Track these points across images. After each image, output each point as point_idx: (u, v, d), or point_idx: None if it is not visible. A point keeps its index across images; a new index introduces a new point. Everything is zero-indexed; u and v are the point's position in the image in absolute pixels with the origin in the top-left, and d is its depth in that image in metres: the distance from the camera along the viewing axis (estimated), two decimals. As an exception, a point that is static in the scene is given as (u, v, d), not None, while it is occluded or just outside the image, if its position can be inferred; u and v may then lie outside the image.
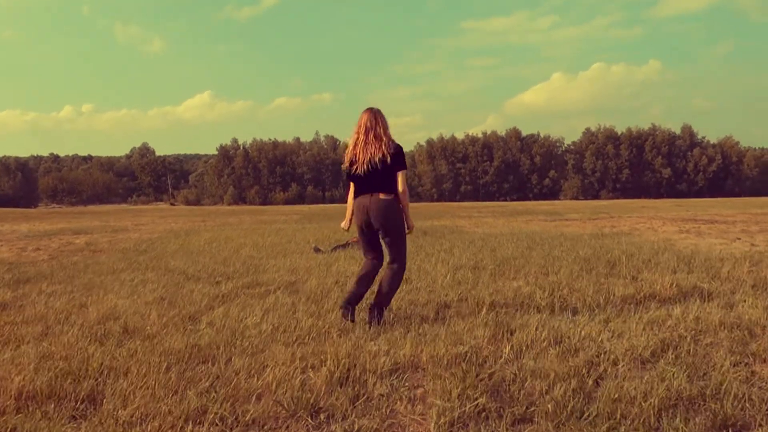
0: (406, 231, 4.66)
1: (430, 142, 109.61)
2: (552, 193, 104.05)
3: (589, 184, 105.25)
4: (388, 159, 4.44)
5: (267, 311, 5.12)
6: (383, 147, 4.44)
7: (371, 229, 4.62)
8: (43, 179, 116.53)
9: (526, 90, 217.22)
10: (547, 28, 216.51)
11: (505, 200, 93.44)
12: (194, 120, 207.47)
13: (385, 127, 4.52)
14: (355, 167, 4.51)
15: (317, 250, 10.35)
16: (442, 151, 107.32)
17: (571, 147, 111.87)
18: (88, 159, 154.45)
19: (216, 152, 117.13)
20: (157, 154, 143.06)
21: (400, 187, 4.52)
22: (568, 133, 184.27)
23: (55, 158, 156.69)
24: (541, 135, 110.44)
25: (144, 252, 10.82)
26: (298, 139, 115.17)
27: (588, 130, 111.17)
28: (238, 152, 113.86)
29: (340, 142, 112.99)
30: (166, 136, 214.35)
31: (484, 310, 4.94)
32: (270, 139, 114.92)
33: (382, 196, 4.48)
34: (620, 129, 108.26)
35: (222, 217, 30.16)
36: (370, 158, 4.43)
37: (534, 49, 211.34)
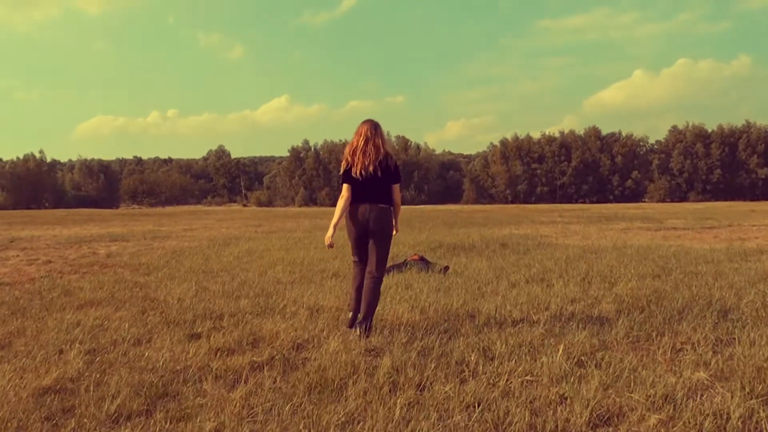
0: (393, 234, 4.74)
1: (504, 142, 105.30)
2: (635, 195, 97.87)
3: (676, 186, 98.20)
4: (391, 168, 4.58)
5: None
6: (381, 157, 4.53)
7: (365, 234, 4.66)
8: (125, 181, 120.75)
9: (605, 88, 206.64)
10: (629, 25, 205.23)
11: (584, 202, 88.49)
12: (271, 123, 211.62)
13: (383, 140, 4.62)
14: (353, 170, 4.55)
15: (364, 272, 7.97)
16: (517, 150, 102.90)
17: (656, 146, 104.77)
18: (168, 161, 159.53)
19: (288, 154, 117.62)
20: (234, 156, 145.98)
21: (396, 198, 4.67)
22: (651, 132, 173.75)
23: (138, 161, 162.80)
24: (623, 134, 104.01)
25: (154, 270, 8.79)
26: None
27: (675, 128, 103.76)
28: (309, 153, 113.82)
29: (411, 142, 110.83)
30: (243, 139, 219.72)
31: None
32: (341, 140, 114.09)
33: (381, 205, 4.58)
34: (710, 127, 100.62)
35: (282, 220, 28.42)
36: (368, 164, 4.50)
37: (614, 47, 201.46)
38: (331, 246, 4.63)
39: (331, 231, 4.60)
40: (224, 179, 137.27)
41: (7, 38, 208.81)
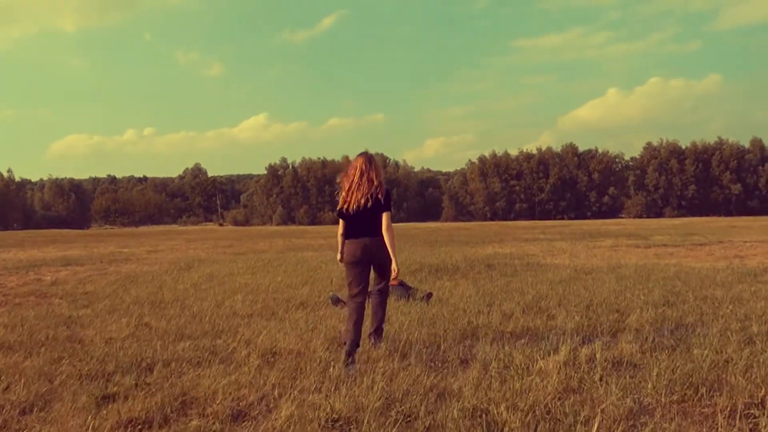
0: (392, 276, 4.82)
1: (482, 159, 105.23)
2: (612, 211, 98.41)
3: (652, 202, 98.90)
4: (381, 199, 4.63)
5: None
6: (374, 189, 4.63)
7: (368, 267, 4.73)
8: (97, 200, 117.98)
9: (581, 106, 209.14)
10: (603, 44, 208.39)
11: (563, 218, 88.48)
12: (249, 141, 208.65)
13: (378, 172, 4.77)
14: (347, 206, 4.68)
15: (336, 300, 6.96)
16: (495, 168, 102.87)
17: (631, 163, 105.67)
18: (143, 180, 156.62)
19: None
20: (213, 174, 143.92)
21: (384, 225, 4.64)
22: (625, 149, 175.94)
23: (112, 179, 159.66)
24: (599, 150, 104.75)
25: (96, 301, 7.66)
26: (347, 157, 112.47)
27: (649, 144, 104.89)
28: (287, 171, 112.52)
29: (390, 160, 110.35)
30: (221, 157, 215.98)
31: None
32: (319, 158, 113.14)
33: (379, 238, 4.64)
34: (683, 143, 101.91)
35: (255, 240, 27.23)
36: (360, 198, 4.60)
37: (588, 65, 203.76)
38: (342, 260, 4.84)
39: (339, 249, 4.87)
40: (200, 198, 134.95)
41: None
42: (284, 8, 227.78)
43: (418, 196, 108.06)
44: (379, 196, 4.61)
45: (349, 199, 4.67)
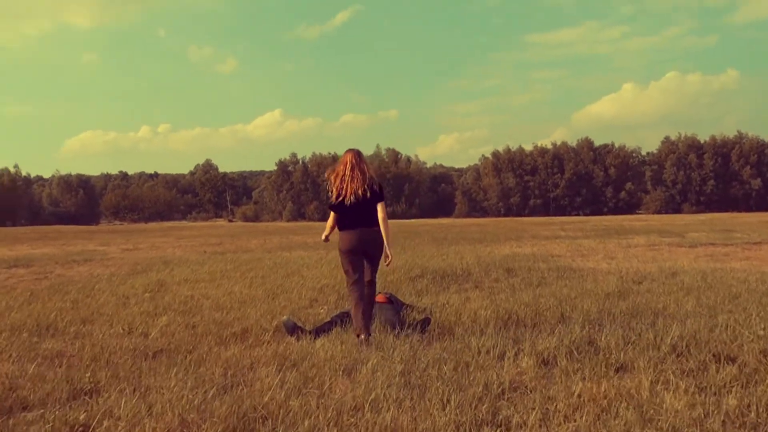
0: (386, 263, 4.96)
1: (496, 154, 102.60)
2: (629, 207, 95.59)
3: (670, 197, 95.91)
4: (377, 190, 4.87)
5: None
6: (368, 180, 4.79)
7: (363, 257, 4.86)
8: (106, 197, 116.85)
9: (596, 101, 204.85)
10: (618, 38, 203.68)
11: (578, 215, 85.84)
12: (263, 137, 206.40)
13: (368, 165, 4.93)
14: (341, 198, 4.78)
15: (292, 328, 4.83)
16: (509, 163, 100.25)
17: (648, 158, 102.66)
18: (154, 176, 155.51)
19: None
20: (226, 170, 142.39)
21: (381, 215, 4.84)
22: (640, 144, 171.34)
23: (123, 176, 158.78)
24: (616, 145, 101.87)
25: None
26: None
27: (667, 139, 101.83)
28: (297, 167, 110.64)
29: (402, 155, 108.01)
30: (235, 153, 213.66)
31: None
32: (329, 154, 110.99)
33: (375, 228, 4.82)
34: (702, 138, 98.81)
35: (251, 237, 25.19)
36: (357, 189, 4.74)
37: (603, 60, 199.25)
38: (326, 240, 5.05)
39: (327, 232, 5.03)
40: (210, 194, 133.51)
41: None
42: (298, 4, 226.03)
43: (431, 191, 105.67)
44: (375, 186, 4.83)
45: (344, 191, 4.77)
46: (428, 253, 12.83)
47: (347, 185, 4.74)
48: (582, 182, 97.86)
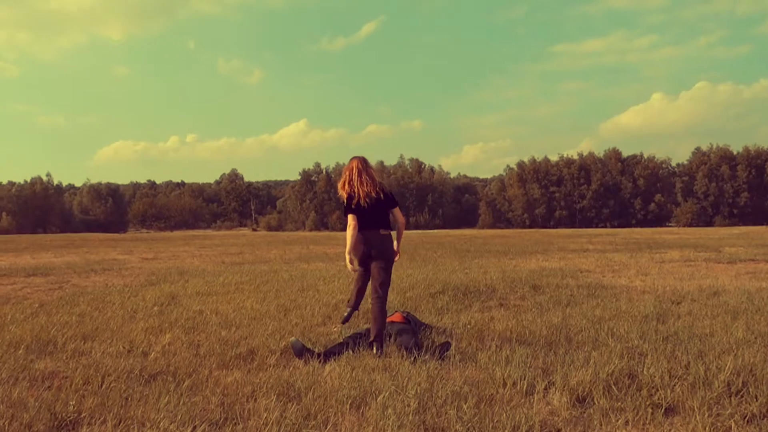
0: (395, 258, 5.04)
1: (521, 165, 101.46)
2: (658, 219, 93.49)
3: (701, 210, 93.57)
4: (390, 196, 4.93)
5: None
6: (378, 185, 4.86)
7: (369, 257, 4.90)
8: (134, 205, 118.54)
9: (623, 112, 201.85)
10: (647, 48, 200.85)
11: (605, 227, 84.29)
12: (288, 147, 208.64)
13: (374, 171, 4.96)
14: (356, 200, 4.82)
15: (301, 351, 4.46)
16: (535, 173, 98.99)
17: (678, 169, 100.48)
18: (181, 185, 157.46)
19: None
20: (251, 180, 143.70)
21: (399, 219, 5.03)
22: (669, 155, 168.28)
23: (152, 184, 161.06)
24: (644, 155, 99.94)
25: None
26: (381, 162, 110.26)
27: (698, 149, 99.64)
28: (320, 177, 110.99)
29: (425, 165, 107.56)
30: (261, 163, 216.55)
31: None
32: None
33: (382, 231, 4.89)
34: (735, 149, 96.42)
35: (272, 247, 24.98)
36: (368, 193, 4.80)
37: (632, 70, 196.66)
38: (356, 271, 4.93)
39: (348, 258, 4.83)
40: (235, 203, 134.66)
41: (32, 65, 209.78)
42: (324, 17, 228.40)
43: (454, 202, 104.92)
44: (386, 190, 4.89)
45: (358, 194, 4.78)
46: (450, 266, 12.38)
47: (358, 189, 4.79)
48: (609, 193, 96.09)
